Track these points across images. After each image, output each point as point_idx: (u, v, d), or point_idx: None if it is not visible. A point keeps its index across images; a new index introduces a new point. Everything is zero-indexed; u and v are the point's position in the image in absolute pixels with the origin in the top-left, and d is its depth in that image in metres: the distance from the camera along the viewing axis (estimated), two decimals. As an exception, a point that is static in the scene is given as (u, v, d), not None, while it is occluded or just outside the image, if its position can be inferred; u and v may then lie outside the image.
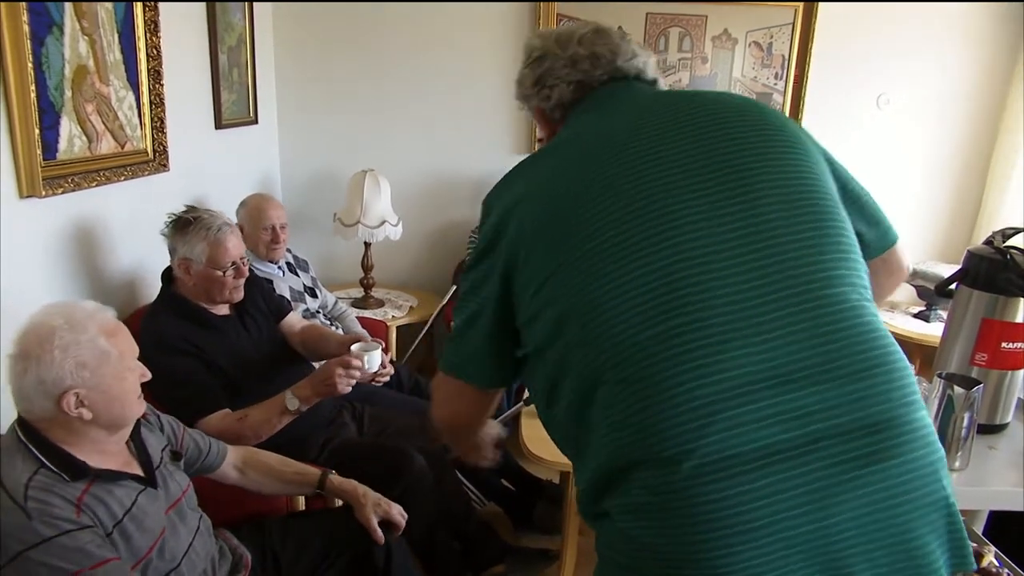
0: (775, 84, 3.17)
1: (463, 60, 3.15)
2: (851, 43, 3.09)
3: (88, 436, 1.15)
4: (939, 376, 1.24)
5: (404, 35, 3.11)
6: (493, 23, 3.11)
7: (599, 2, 3.04)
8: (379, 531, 1.49)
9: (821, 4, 3.04)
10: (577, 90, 1.00)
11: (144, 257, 2.03)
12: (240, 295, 1.81)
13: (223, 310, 1.82)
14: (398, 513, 1.53)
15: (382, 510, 1.52)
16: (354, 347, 1.80)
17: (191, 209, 1.77)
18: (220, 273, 1.73)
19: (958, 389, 1.20)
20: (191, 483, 1.36)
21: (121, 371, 1.16)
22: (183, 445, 1.39)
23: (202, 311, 1.75)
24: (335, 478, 1.54)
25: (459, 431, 1.12)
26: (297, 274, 2.43)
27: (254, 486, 1.53)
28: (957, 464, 1.23)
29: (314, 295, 2.45)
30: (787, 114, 3.16)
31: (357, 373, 1.66)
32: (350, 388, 1.67)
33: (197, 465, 1.44)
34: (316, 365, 2.01)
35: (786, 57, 3.13)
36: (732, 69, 3.16)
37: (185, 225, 1.72)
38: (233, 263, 1.75)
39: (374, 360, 1.74)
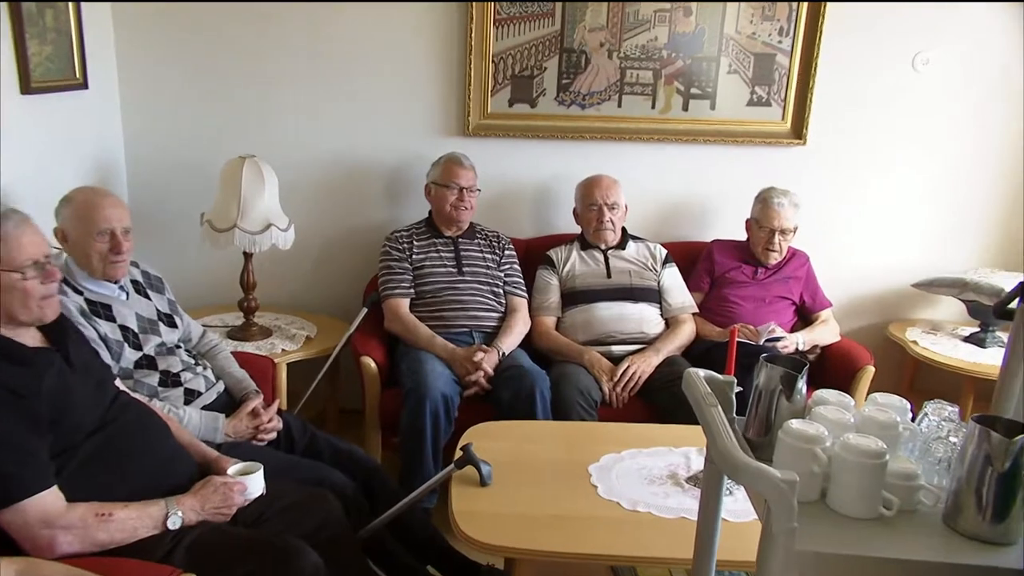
0: (780, 42, 3.25)
1: (374, 14, 3.15)
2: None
3: None
4: (974, 420, 1.26)
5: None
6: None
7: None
8: None
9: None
10: None
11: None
12: (54, 310, 1.76)
13: (35, 338, 1.76)
14: None
15: None
16: (232, 469, 1.91)
17: None
18: (19, 276, 1.67)
19: (996, 437, 1.22)
20: None
21: None
22: None
23: (9, 342, 1.69)
24: None
25: None
26: (148, 297, 2.36)
27: None
28: (990, 536, 1.23)
29: (172, 324, 2.39)
30: (795, 80, 3.26)
31: (243, 500, 1.87)
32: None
33: None
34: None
35: (794, 7, 3.22)
36: (723, 24, 3.23)
37: None
38: (35, 261, 1.70)
39: (256, 486, 1.91)
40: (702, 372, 1.56)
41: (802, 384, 1.44)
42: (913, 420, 1.49)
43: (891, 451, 1.30)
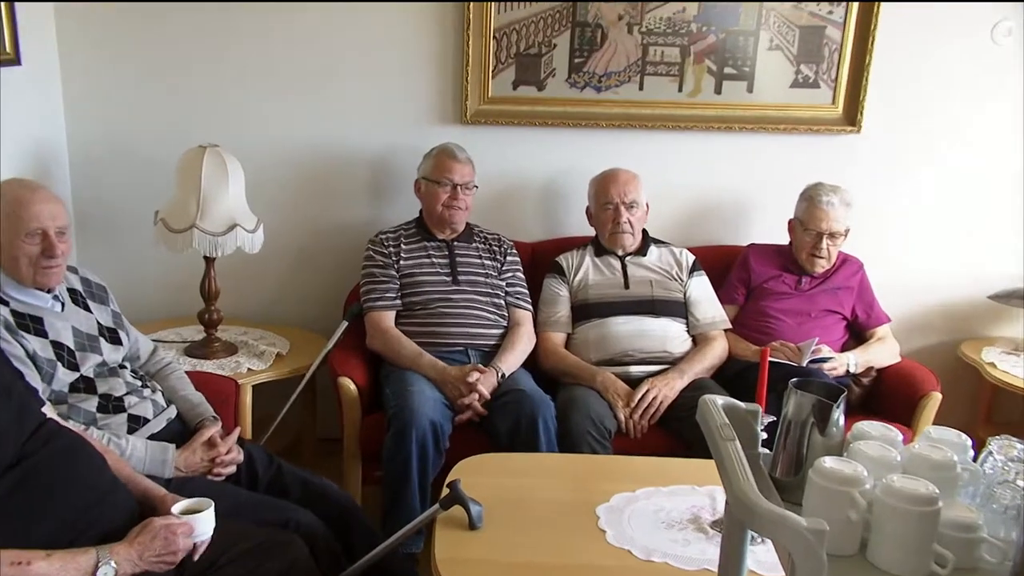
0: (830, 13, 3.23)
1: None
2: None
3: None
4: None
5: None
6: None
7: None
8: None
9: None
10: None
11: None
12: None
13: None
14: None
15: None
16: (176, 507, 1.88)
17: None
18: None
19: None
20: None
21: None
22: None
23: None
24: None
25: None
26: (88, 308, 2.34)
27: None
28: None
29: (116, 340, 2.37)
30: (848, 57, 3.24)
31: (190, 543, 1.82)
32: None
33: None
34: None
35: (845, -28, 3.20)
36: (763, -8, 3.22)
37: None
38: None
39: (205, 526, 1.87)
40: (719, 399, 1.53)
41: (839, 415, 1.41)
42: (976, 459, 1.45)
43: (946, 496, 1.26)
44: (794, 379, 1.46)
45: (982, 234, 3.41)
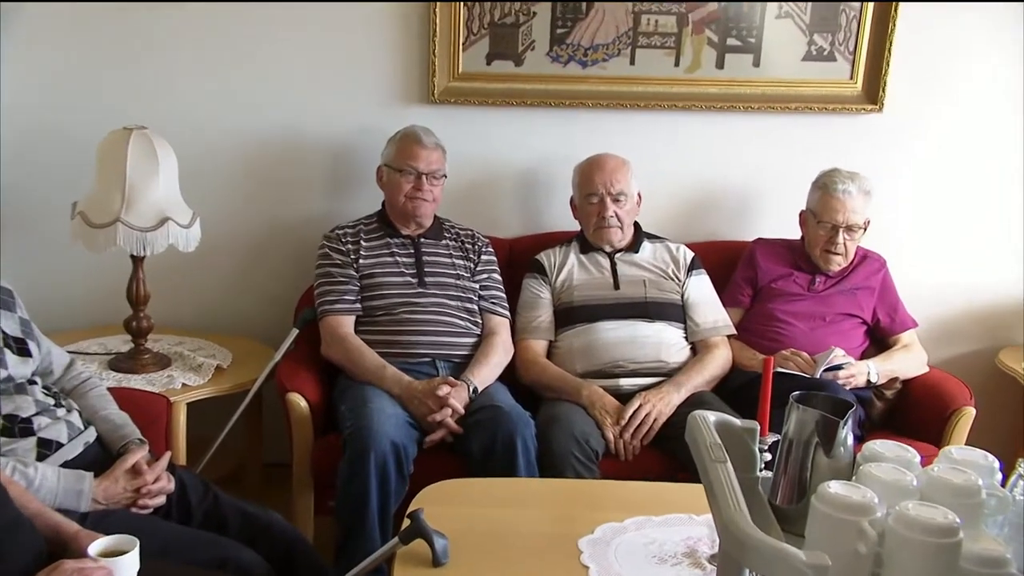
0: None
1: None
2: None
3: None
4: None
5: None
6: None
7: None
8: None
9: None
10: None
11: None
12: None
13: None
14: None
15: None
16: (93, 547, 1.85)
17: None
18: None
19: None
20: None
21: None
22: None
23: None
24: None
25: None
26: (-10, 315, 2.33)
27: None
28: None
29: (24, 352, 2.33)
30: (868, 26, 3.25)
31: None
32: None
33: None
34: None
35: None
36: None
37: None
38: None
39: (127, 570, 1.84)
40: (711, 415, 1.52)
41: (846, 433, 1.40)
42: (1005, 483, 1.45)
43: (969, 526, 1.26)
44: (796, 392, 1.45)
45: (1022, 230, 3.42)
